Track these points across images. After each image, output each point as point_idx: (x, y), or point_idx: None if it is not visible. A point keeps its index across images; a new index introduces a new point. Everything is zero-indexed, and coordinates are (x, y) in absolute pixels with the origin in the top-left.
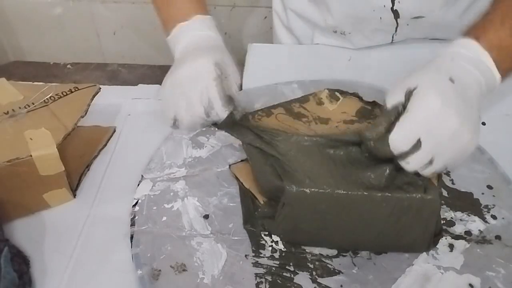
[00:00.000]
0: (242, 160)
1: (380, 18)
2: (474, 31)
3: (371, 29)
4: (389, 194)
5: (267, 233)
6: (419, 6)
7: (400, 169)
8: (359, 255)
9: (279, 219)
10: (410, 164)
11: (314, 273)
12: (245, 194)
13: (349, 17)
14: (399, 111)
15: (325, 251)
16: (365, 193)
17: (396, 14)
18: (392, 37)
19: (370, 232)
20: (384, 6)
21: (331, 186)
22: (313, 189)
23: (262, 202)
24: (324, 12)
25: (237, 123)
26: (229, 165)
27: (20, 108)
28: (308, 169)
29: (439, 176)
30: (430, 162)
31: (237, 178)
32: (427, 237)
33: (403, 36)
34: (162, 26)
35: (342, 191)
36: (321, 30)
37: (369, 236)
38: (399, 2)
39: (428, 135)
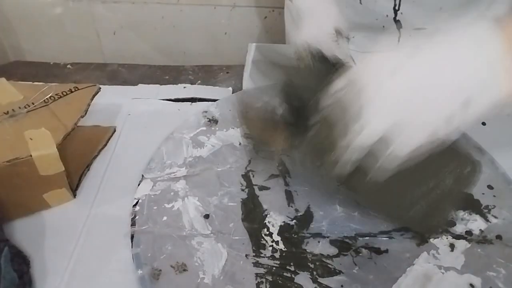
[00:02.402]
0: None
1: (383, 26)
2: None
3: (375, 35)
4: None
5: (267, 232)
6: (421, 18)
7: None
8: (360, 254)
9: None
10: None
11: (314, 273)
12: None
13: (354, 23)
14: None
15: (326, 251)
16: None
17: (398, 24)
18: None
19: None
20: (387, 16)
21: None
22: None
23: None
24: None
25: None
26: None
27: (20, 108)
28: None
29: None
30: None
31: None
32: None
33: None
34: None
35: None
36: None
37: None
38: (401, 13)
39: None
